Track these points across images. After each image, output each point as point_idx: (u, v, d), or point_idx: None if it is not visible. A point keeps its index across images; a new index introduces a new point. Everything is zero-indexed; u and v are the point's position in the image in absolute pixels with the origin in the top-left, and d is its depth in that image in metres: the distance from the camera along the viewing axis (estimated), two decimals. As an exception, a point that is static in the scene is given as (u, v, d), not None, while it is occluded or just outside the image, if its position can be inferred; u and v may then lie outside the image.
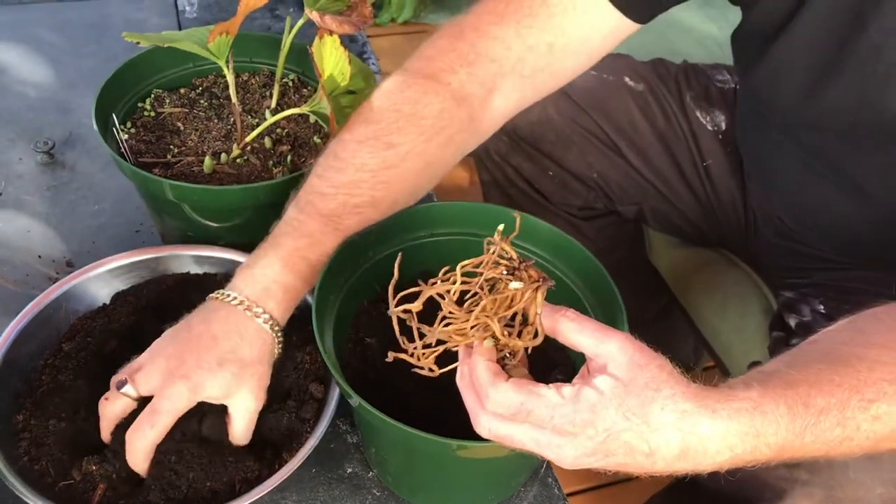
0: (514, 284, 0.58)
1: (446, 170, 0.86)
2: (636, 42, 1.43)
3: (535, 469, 0.88)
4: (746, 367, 1.10)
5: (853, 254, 1.03)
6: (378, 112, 0.82)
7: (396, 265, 0.63)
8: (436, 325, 0.60)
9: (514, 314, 0.60)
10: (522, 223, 0.68)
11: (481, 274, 0.59)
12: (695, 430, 0.56)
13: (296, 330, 0.87)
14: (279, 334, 0.77)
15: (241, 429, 0.76)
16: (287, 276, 0.77)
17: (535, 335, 0.60)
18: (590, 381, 0.57)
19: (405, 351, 0.63)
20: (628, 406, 0.55)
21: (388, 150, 0.80)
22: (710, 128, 1.16)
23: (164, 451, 0.74)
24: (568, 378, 0.60)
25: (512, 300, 0.58)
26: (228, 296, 0.76)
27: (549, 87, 0.89)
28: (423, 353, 0.62)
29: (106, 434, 0.76)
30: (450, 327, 0.60)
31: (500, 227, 0.60)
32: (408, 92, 0.83)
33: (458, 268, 0.60)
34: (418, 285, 0.61)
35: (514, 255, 0.59)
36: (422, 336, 0.62)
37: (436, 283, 0.61)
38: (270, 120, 0.93)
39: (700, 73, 1.20)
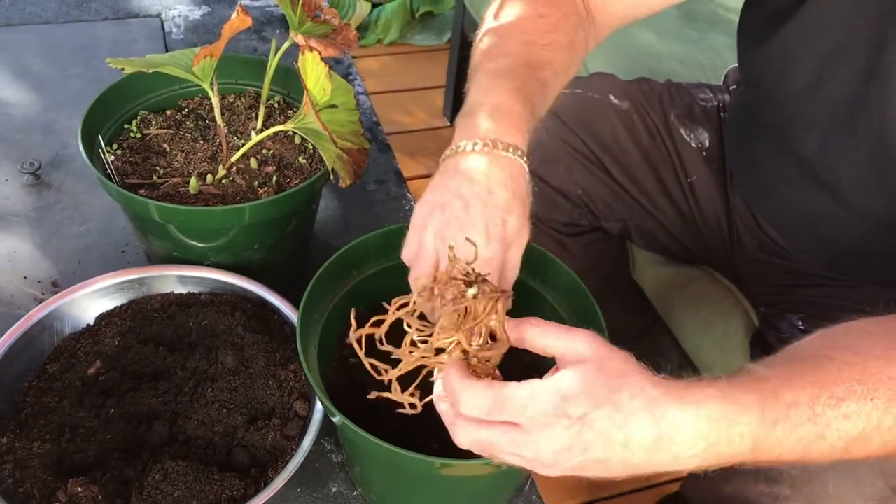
0: (471, 291, 0.60)
1: (577, 62, 0.89)
2: (619, 66, 1.45)
3: (520, 487, 0.88)
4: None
5: (842, 267, 1.04)
6: None
7: (353, 316, 0.63)
8: (404, 347, 0.61)
9: (482, 337, 0.61)
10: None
11: (440, 292, 0.61)
12: (666, 416, 0.56)
13: (280, 347, 0.87)
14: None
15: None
16: (517, 105, 0.76)
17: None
18: (559, 373, 0.58)
19: (381, 382, 0.63)
20: (598, 394, 0.56)
21: (541, 19, 0.85)
22: (693, 145, 1.17)
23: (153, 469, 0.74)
24: None
25: (474, 313, 0.60)
26: (476, 144, 0.72)
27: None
28: (399, 385, 0.62)
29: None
30: (419, 349, 0.61)
31: (453, 243, 0.63)
32: None
33: (414, 289, 0.62)
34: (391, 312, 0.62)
35: (471, 271, 0.62)
36: (395, 366, 0.62)
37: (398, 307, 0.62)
38: (255, 139, 0.94)
39: (684, 91, 1.21)
